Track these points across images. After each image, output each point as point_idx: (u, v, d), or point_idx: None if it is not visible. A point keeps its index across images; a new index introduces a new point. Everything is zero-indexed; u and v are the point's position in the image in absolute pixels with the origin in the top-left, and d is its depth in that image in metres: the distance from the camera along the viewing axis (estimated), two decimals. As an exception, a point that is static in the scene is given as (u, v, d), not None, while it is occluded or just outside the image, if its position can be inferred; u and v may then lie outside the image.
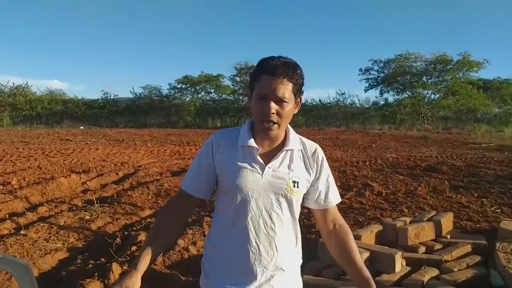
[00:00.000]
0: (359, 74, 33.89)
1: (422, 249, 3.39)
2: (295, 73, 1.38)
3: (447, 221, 3.91)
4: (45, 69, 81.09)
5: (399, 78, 31.60)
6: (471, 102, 28.42)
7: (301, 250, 1.58)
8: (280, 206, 1.45)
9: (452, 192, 6.60)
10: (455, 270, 2.93)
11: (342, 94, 33.78)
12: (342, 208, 5.59)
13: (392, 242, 3.49)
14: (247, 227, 1.43)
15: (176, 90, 34.32)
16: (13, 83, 32.49)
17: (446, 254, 3.19)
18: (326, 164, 1.57)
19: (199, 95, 34.55)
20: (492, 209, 5.37)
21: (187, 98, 34.31)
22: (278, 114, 1.38)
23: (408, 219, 3.92)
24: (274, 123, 1.39)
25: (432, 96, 31.44)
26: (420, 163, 10.07)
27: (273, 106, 1.36)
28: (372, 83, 33.46)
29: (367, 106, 34.37)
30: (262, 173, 1.43)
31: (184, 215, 1.58)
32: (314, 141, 1.63)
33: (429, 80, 30.93)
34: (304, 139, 1.58)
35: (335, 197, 1.57)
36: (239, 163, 1.44)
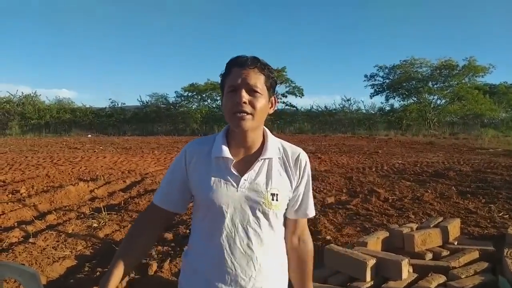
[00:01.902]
0: (365, 80, 34.01)
1: (429, 255, 3.37)
2: (266, 66, 1.33)
3: (454, 227, 3.89)
4: (53, 79, 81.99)
5: (404, 84, 31.58)
6: (478, 107, 28.29)
7: (287, 268, 1.47)
8: (258, 221, 1.33)
9: (459, 198, 6.56)
10: (463, 276, 2.91)
11: (348, 100, 33.84)
12: (348, 215, 5.58)
13: (398, 249, 3.47)
14: (222, 245, 1.32)
15: (182, 98, 34.55)
16: (22, 92, 32.79)
17: (454, 261, 3.18)
18: (308, 172, 1.44)
19: (205, 103, 34.73)
20: (500, 214, 5.33)
21: (193, 106, 34.53)
22: (251, 104, 1.28)
23: (414, 226, 3.91)
24: (248, 113, 1.28)
25: (438, 102, 31.39)
26: (426, 168, 10.02)
27: (245, 95, 1.27)
28: (377, 89, 33.48)
29: (373, 112, 34.36)
30: (237, 186, 1.32)
31: (156, 229, 1.45)
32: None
33: (435, 86, 30.87)
34: (286, 144, 1.45)
35: (309, 210, 1.46)
36: (212, 176, 1.33)
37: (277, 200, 1.34)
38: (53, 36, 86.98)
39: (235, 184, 1.32)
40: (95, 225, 5.13)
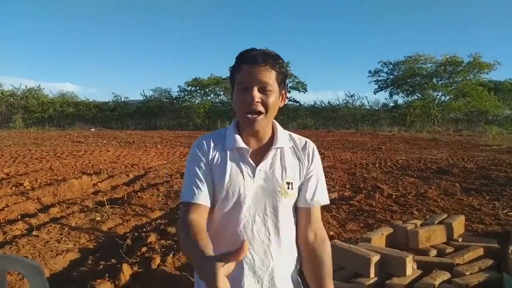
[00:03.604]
0: (368, 76, 33.79)
1: (433, 252, 3.35)
2: (277, 61, 1.30)
3: (459, 224, 3.86)
4: (57, 72, 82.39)
5: (408, 80, 31.40)
6: (482, 103, 28.13)
7: (298, 257, 1.44)
8: (274, 211, 1.33)
9: (463, 194, 6.53)
10: (467, 273, 2.89)
11: (351, 96, 33.63)
12: (352, 210, 5.57)
13: (402, 245, 3.46)
14: (239, 235, 1.30)
15: (185, 92, 34.59)
16: (26, 86, 32.93)
17: (458, 258, 3.16)
18: (317, 159, 1.44)
19: (209, 98, 34.76)
20: (504, 212, 5.30)
21: (196, 101, 34.55)
22: (263, 103, 1.28)
23: (419, 222, 3.88)
24: (260, 113, 1.28)
25: (443, 98, 31.21)
26: (430, 165, 9.98)
27: (257, 94, 1.27)
28: (381, 85, 33.30)
29: (377, 108, 34.19)
30: (254, 176, 1.32)
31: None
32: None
33: (439, 82, 30.68)
34: (294, 134, 1.47)
35: (322, 197, 1.42)
36: (228, 168, 1.32)
37: (292, 188, 1.35)
38: (57, 30, 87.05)
39: (251, 174, 1.33)
40: (98, 218, 5.14)
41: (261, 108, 1.28)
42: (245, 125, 1.33)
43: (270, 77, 1.28)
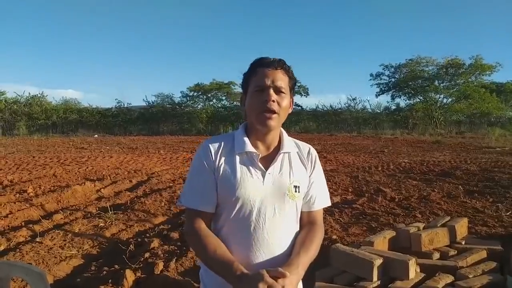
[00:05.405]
0: (370, 79, 33.90)
1: (436, 255, 3.34)
2: (289, 68, 1.42)
3: (462, 226, 3.85)
4: (60, 79, 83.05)
5: (410, 83, 31.41)
6: (484, 105, 28.10)
7: None
8: (282, 213, 1.40)
9: (466, 197, 6.50)
10: (470, 276, 2.88)
11: (353, 99, 33.76)
12: (355, 214, 5.56)
13: (405, 248, 3.44)
14: (250, 237, 1.36)
15: (188, 98, 34.78)
16: (29, 93, 33.24)
17: (461, 260, 3.15)
18: (319, 166, 1.53)
19: (211, 103, 34.91)
20: (508, 214, 5.27)
21: (199, 106, 34.77)
22: (278, 104, 1.36)
23: (421, 225, 3.87)
24: (275, 112, 1.35)
25: (445, 100, 31.20)
26: (433, 168, 9.97)
27: (273, 94, 1.35)
28: (383, 88, 33.34)
29: (379, 111, 34.27)
30: (263, 179, 1.38)
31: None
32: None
33: (441, 84, 30.68)
34: (297, 141, 1.55)
35: (323, 200, 1.52)
36: (238, 172, 1.37)
37: (299, 191, 1.42)
38: (60, 36, 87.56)
39: (261, 178, 1.38)
40: (101, 224, 5.15)
41: (276, 107, 1.35)
42: (259, 123, 1.37)
43: (284, 80, 1.38)
